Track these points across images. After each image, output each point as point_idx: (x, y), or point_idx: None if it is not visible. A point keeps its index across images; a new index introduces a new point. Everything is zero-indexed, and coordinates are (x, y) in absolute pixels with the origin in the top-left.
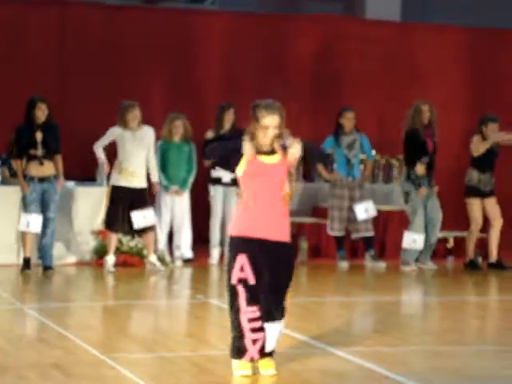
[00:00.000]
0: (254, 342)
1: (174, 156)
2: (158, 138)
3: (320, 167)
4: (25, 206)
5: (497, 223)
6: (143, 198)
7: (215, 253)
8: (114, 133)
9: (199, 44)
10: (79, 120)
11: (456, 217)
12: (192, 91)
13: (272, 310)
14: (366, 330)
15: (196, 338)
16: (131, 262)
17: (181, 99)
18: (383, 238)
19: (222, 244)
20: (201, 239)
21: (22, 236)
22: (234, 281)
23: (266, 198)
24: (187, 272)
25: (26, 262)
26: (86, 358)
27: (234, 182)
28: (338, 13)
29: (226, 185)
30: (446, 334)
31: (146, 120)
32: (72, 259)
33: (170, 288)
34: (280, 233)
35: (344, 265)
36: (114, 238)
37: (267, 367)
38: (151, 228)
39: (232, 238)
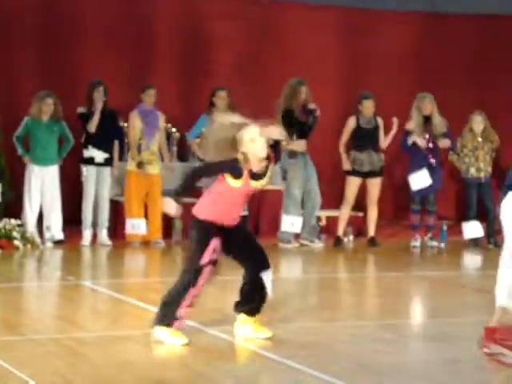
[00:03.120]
0: (184, 315)
1: (44, 136)
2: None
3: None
4: None
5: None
6: None
7: (87, 234)
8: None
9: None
10: None
11: (329, 195)
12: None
13: (264, 260)
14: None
15: (66, 321)
16: None
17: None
18: (258, 217)
19: (94, 225)
20: (72, 220)
21: None
22: (204, 261)
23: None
24: (58, 253)
25: None
26: None
27: (107, 162)
28: None
29: (98, 165)
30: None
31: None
32: None
33: (40, 270)
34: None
35: None
36: None
37: (261, 330)
38: None
39: (202, 221)
